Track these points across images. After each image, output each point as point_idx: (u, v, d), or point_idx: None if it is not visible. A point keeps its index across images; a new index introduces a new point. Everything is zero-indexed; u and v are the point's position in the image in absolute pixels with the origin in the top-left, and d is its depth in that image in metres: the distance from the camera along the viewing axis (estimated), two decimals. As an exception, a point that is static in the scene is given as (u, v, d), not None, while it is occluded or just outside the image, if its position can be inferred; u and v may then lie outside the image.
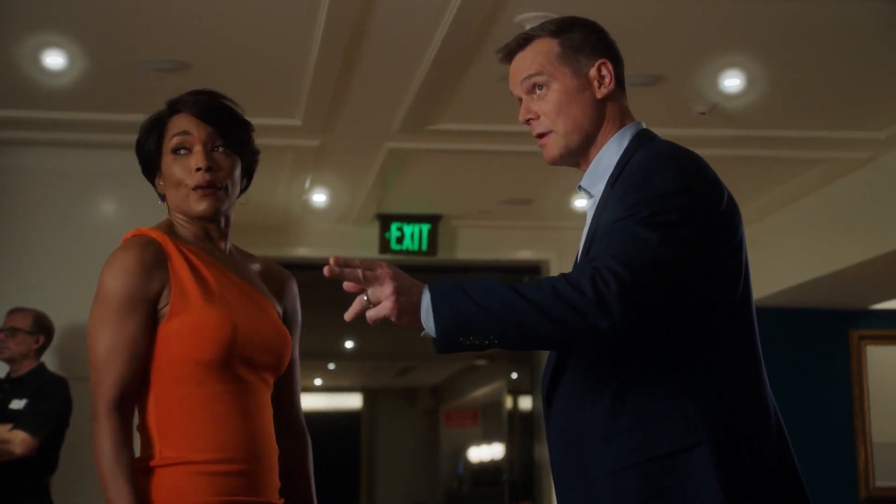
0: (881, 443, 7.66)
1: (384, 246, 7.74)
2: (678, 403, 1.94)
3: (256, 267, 2.47)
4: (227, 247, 2.42)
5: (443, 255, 7.87)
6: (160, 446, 2.22)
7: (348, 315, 1.89)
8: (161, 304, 2.24)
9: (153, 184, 2.42)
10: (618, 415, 1.96)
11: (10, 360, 5.18)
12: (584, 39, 2.17)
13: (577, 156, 2.18)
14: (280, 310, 2.45)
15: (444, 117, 5.74)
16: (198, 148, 2.31)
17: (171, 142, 2.33)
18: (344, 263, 1.86)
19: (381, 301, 1.86)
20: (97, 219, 6.14)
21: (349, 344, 12.93)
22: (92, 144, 6.05)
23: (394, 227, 7.72)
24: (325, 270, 1.85)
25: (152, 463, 2.22)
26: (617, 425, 1.96)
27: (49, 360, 5.30)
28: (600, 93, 2.16)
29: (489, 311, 1.84)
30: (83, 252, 6.02)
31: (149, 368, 2.25)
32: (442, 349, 1.87)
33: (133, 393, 2.22)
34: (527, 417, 9.24)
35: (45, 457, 4.96)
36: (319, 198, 7.14)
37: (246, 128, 2.40)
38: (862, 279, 6.94)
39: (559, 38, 2.17)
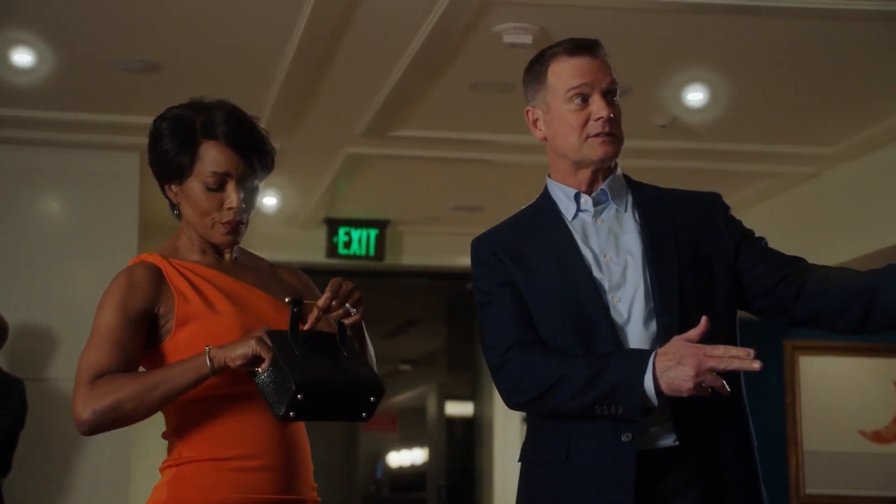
0: (812, 451, 7.83)
1: (331, 250, 7.73)
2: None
3: (265, 269, 2.46)
4: (234, 256, 2.41)
5: (389, 261, 7.90)
6: (180, 448, 2.23)
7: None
8: (162, 322, 2.25)
9: (164, 187, 2.37)
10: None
11: (-35, 362, 5.09)
12: None
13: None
14: None
15: (409, 124, 5.76)
16: (232, 186, 2.29)
17: (208, 178, 2.28)
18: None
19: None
20: (47, 217, 6.04)
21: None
22: (53, 143, 5.94)
23: (341, 231, 7.72)
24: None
25: (174, 462, 2.23)
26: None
27: (1, 361, 5.21)
28: None
29: None
30: (33, 252, 5.93)
31: None
32: None
33: None
34: (466, 423, 9.27)
35: (-1, 458, 4.89)
36: (269, 201, 7.09)
37: (273, 156, 2.39)
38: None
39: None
